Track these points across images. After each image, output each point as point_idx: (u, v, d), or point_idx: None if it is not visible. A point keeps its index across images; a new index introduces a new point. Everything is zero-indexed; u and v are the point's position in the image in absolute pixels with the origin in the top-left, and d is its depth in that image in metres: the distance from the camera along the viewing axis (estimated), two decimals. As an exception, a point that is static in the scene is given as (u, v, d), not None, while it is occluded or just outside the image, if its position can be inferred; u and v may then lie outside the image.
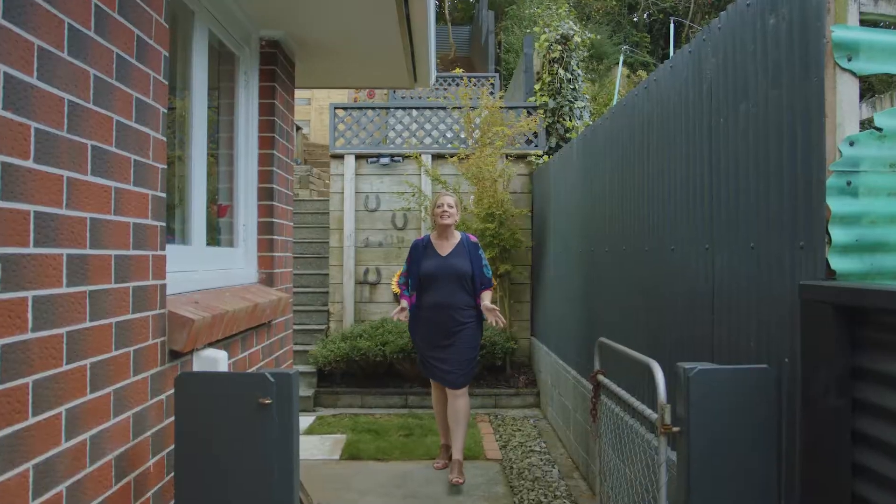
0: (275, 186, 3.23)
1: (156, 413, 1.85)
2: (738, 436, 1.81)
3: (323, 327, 6.96)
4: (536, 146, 6.95)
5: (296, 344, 6.69)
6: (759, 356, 2.00)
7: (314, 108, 14.20)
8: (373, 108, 7.18)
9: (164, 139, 1.91)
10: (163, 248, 1.89)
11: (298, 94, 5.10)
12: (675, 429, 1.89)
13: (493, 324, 3.74)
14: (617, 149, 3.58)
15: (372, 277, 6.95)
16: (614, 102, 10.87)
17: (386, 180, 7.01)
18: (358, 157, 7.03)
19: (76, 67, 1.49)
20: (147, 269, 1.80)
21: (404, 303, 3.95)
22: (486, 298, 3.91)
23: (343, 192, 6.99)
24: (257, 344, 2.91)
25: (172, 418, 1.92)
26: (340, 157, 7.03)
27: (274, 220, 3.21)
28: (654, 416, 2.10)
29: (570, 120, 6.84)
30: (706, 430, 1.80)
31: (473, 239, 4.03)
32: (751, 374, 1.84)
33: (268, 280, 3.17)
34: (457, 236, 4.02)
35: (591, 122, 6.88)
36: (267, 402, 1.75)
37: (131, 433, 1.72)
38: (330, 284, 7.02)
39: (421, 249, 4.00)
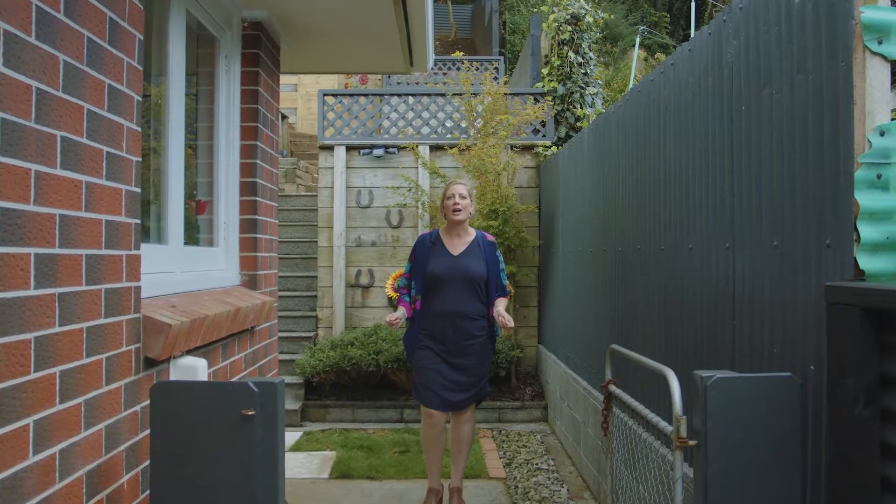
0: (258, 181, 3.26)
1: (130, 426, 1.88)
2: (760, 449, 1.83)
3: (311, 334, 6.99)
4: (544, 136, 6.98)
5: (281, 352, 6.72)
6: (783, 364, 2.03)
7: (301, 94, 14.24)
8: (365, 95, 7.22)
9: (139, 129, 1.94)
10: (137, 248, 1.92)
11: (284, 79, 5.13)
12: (692, 442, 1.91)
13: (502, 326, 3.49)
14: (631, 139, 3.61)
15: (364, 280, 6.99)
16: (629, 88, 10.91)
17: (380, 174, 7.04)
18: (349, 148, 7.06)
19: (45, 52, 1.52)
20: (120, 269, 1.83)
21: (402, 310, 3.65)
22: (501, 305, 3.67)
23: (333, 187, 7.03)
24: (239, 352, 2.94)
25: (148, 431, 1.94)
26: (330, 148, 7.07)
27: (258, 217, 3.24)
28: (670, 428, 2.13)
29: (581, 108, 6.87)
30: (725, 444, 1.83)
31: (490, 238, 3.76)
32: (773, 382, 1.87)
33: (251, 282, 3.20)
34: (471, 233, 3.76)
35: (603, 110, 6.91)
36: (250, 413, 1.78)
37: (103, 447, 1.75)
38: (318, 287, 7.05)
39: (428, 246, 3.71)
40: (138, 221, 1.93)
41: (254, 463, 1.79)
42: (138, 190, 1.93)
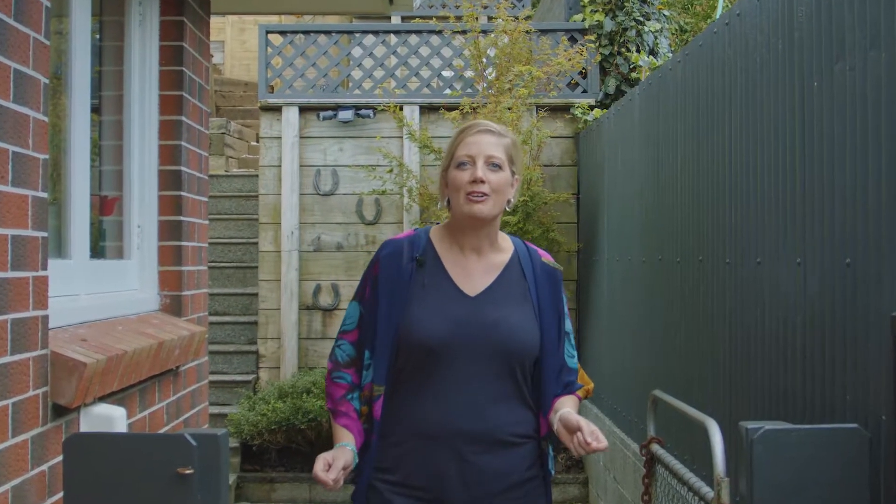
0: (183, 169, 3.68)
1: (38, 488, 2.32)
2: (819, 518, 2.27)
3: (249, 378, 7.43)
4: (585, 92, 7.42)
5: (209, 404, 7.16)
6: (855, 413, 2.46)
7: (231, 23, 14.70)
8: (327, 33, 7.66)
9: (47, 119, 2.38)
10: (45, 267, 2.36)
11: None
12: (736, 510, 2.35)
13: (579, 452, 2.29)
14: (691, 108, 4.05)
15: (326, 300, 7.42)
16: (718, 14, 11.31)
17: (348, 147, 7.48)
18: (304, 109, 7.50)
19: (-51, 40, 1.96)
20: (27, 295, 2.27)
21: (346, 444, 2.42)
22: (571, 406, 2.47)
23: (281, 165, 7.46)
24: (160, 400, 3.37)
25: (59, 495, 2.38)
26: (276, 109, 7.51)
27: (183, 218, 3.66)
28: (712, 494, 2.57)
29: (639, 51, 7.28)
30: (775, 511, 2.27)
31: (548, 259, 2.61)
32: (836, 435, 2.30)
33: (174, 306, 3.63)
34: (505, 247, 2.60)
35: (671, 55, 7.33)
36: (188, 472, 2.21)
37: (10, 513, 2.19)
38: (260, 311, 7.49)
39: (407, 268, 2.52)
40: (46, 234, 2.37)
41: (191, 534, 2.22)
42: (46, 195, 2.37)
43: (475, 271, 2.53)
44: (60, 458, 2.38)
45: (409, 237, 2.59)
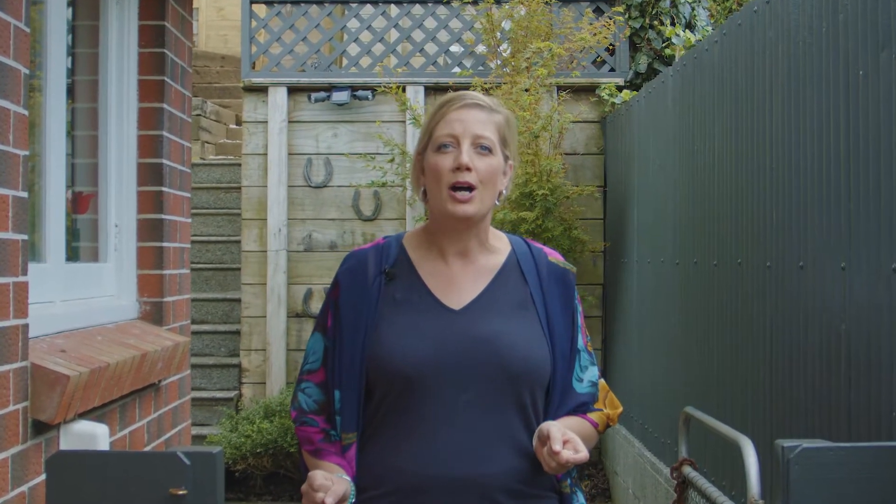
0: (165, 162, 3.84)
1: (18, 510, 2.50)
2: (860, 544, 2.43)
3: (231, 395, 7.57)
4: (612, 71, 7.56)
5: (183, 424, 7.33)
6: (902, 431, 2.64)
7: (208, -13, 14.85)
8: (319, 3, 7.78)
9: (27, 113, 2.56)
10: (25, 272, 2.54)
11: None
12: (771, 535, 2.52)
13: (551, 466, 2.09)
14: (728, 95, 4.22)
15: (318, 306, 7.54)
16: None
17: (343, 132, 7.61)
18: (293, 89, 7.63)
19: (-70, 32, 2.14)
20: (7, 303, 2.45)
21: (343, 475, 2.19)
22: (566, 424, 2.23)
23: (267, 153, 7.59)
24: (141, 417, 3.54)
25: (41, 518, 2.56)
26: (262, 89, 7.64)
27: (164, 216, 3.82)
28: (746, 518, 2.75)
29: (673, 24, 7.41)
30: (813, 537, 2.43)
31: (554, 258, 2.43)
32: (879, 454, 2.47)
33: (155, 314, 3.79)
34: (498, 246, 2.43)
35: (711, 29, 7.47)
36: (181, 493, 2.38)
37: (-10, 537, 2.37)
38: (242, 319, 7.63)
39: (373, 286, 2.37)
40: (26, 237, 2.55)
41: (183, 560, 2.39)
42: (26, 194, 2.55)
43: (461, 279, 2.35)
44: (41, 478, 2.55)
45: (377, 246, 2.42)
